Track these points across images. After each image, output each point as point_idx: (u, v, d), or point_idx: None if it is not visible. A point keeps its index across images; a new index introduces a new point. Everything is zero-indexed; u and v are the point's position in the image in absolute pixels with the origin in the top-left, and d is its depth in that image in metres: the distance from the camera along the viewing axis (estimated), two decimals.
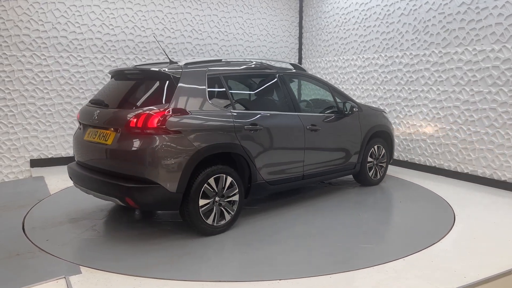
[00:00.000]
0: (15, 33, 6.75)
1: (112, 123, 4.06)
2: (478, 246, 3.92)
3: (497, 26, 5.70)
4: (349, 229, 4.38)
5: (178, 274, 3.35)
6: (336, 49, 8.65)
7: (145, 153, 3.78)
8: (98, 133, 4.15)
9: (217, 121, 4.19)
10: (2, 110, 6.74)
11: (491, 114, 5.84)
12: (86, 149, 4.33)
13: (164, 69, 4.18)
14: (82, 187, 4.36)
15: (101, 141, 4.08)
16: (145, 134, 3.81)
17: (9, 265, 3.49)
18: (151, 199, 3.83)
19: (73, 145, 4.66)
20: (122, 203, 3.93)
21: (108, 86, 4.66)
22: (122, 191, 3.82)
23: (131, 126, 3.86)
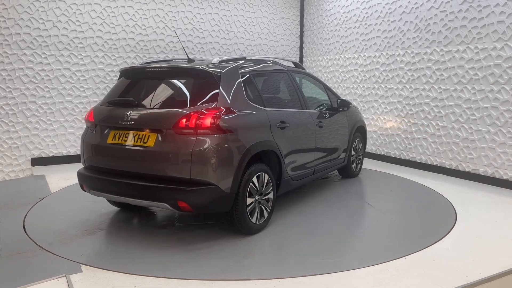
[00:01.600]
0: (16, 32, 6.75)
1: (154, 124, 3.83)
2: (479, 245, 3.90)
3: (499, 24, 5.68)
4: (350, 229, 4.38)
5: (179, 272, 3.34)
6: (337, 47, 8.63)
7: (201, 154, 3.64)
8: (132, 135, 3.88)
9: (257, 119, 4.22)
10: (3, 109, 6.74)
11: (492, 112, 5.82)
12: (112, 152, 4.01)
13: (204, 67, 4.07)
14: (109, 194, 4.05)
15: (139, 144, 3.82)
16: (198, 134, 3.68)
17: (10, 263, 3.49)
18: (207, 200, 3.71)
19: (85, 149, 4.26)
20: (171, 207, 3.71)
21: (134, 85, 4.35)
22: (175, 195, 3.64)
23: (181, 126, 3.70)
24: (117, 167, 4.01)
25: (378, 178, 6.48)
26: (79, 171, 4.28)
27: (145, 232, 4.24)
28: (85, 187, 4.22)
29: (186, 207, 3.66)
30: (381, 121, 7.66)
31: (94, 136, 4.20)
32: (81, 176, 4.25)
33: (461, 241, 3.98)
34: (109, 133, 4.06)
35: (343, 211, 4.90)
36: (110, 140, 4.03)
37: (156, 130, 3.80)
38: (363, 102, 8.04)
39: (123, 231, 4.26)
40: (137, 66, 4.49)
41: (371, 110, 7.87)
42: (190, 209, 3.69)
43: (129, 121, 3.92)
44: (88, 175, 4.17)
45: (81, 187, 4.30)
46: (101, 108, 4.30)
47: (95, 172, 4.15)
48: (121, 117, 3.97)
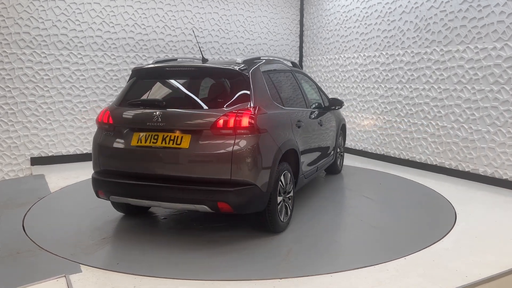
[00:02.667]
0: (15, 31, 6.74)
1: (189, 125, 3.75)
2: (479, 245, 3.90)
3: (499, 24, 5.67)
4: (351, 227, 4.38)
5: (178, 273, 3.34)
6: (337, 47, 8.63)
7: (242, 154, 3.62)
8: (162, 137, 3.76)
9: (282, 118, 4.27)
10: (2, 108, 6.73)
11: (492, 112, 5.82)
12: (139, 155, 3.85)
13: (234, 66, 4.05)
14: (136, 199, 3.89)
15: (171, 145, 3.71)
16: (237, 134, 3.66)
17: (9, 263, 3.49)
18: (246, 200, 3.69)
19: (101, 153, 4.04)
20: (210, 209, 3.66)
21: (155, 85, 4.26)
22: (216, 196, 3.61)
23: (219, 127, 3.66)
24: (145, 170, 3.84)
25: (379, 177, 6.47)
26: (95, 177, 4.03)
27: (146, 232, 4.23)
28: (103, 193, 3.99)
29: (226, 208, 3.63)
30: (381, 121, 7.66)
31: (112, 139, 3.99)
32: (99, 182, 4.00)
33: (461, 241, 3.98)
34: (132, 135, 3.88)
35: (343, 210, 4.90)
36: (135, 142, 3.85)
37: (190, 131, 3.72)
38: (362, 101, 8.04)
39: (124, 231, 4.25)
40: (157, 66, 4.33)
41: (370, 110, 7.86)
42: (230, 210, 3.66)
43: (159, 122, 3.76)
44: (108, 181, 3.94)
45: (97, 193, 4.07)
46: (120, 109, 4.09)
47: (116, 177, 3.95)
48: (150, 118, 3.80)
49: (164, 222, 4.55)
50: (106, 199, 4.05)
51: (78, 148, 7.40)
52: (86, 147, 7.46)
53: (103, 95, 7.53)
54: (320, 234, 4.19)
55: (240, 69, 4.02)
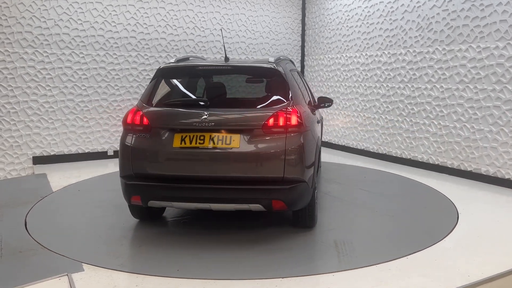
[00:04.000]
0: (17, 30, 6.75)
1: (240, 125, 3.72)
2: (481, 244, 3.90)
3: (501, 23, 5.66)
4: (352, 227, 4.37)
5: (180, 272, 3.34)
6: (339, 46, 8.62)
7: (293, 152, 3.66)
8: (210, 137, 3.67)
9: (312, 115, 4.35)
10: (4, 107, 6.75)
11: (495, 112, 5.81)
12: (184, 157, 3.73)
13: (270, 65, 4.09)
14: (183, 202, 3.79)
15: (221, 146, 3.64)
16: (288, 132, 3.68)
17: (11, 262, 3.50)
18: (298, 197, 3.75)
19: (135, 156, 3.81)
20: (264, 208, 3.66)
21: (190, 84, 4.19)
22: (271, 195, 3.62)
23: (270, 126, 3.67)
24: (191, 172, 3.74)
25: (379, 176, 6.47)
26: (128, 182, 3.82)
27: (147, 232, 4.23)
28: (139, 198, 3.81)
29: (280, 205, 3.66)
30: (383, 120, 7.65)
31: (149, 141, 3.79)
32: (135, 187, 3.80)
33: (463, 241, 3.97)
34: (173, 136, 3.73)
35: (346, 210, 4.90)
36: (178, 144, 3.70)
37: (239, 131, 3.68)
38: (364, 101, 8.03)
39: (125, 230, 4.25)
40: (188, 65, 4.23)
41: (372, 109, 7.86)
42: (284, 208, 3.69)
43: (206, 122, 3.67)
44: (149, 185, 3.77)
45: (129, 199, 3.87)
46: (156, 109, 3.94)
47: (156, 181, 3.78)
48: (196, 119, 3.70)
49: (165, 221, 4.56)
50: (143, 205, 3.84)
51: (80, 147, 7.41)
52: (88, 146, 7.47)
53: (105, 94, 7.54)
54: (351, 229, 4.20)
55: (276, 67, 4.06)
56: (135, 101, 7.82)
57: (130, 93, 7.78)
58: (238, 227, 4.32)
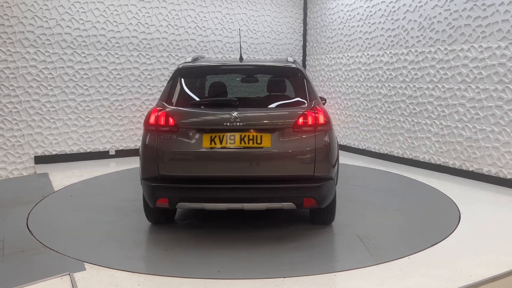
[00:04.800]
0: (19, 30, 6.76)
1: (271, 124, 3.74)
2: (483, 244, 3.89)
3: (503, 23, 5.65)
4: (354, 228, 4.37)
5: (182, 271, 3.34)
6: (340, 46, 8.61)
7: (323, 150, 3.73)
8: (241, 137, 3.66)
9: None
10: (6, 107, 6.76)
11: (497, 111, 5.80)
12: (214, 158, 3.69)
13: (295, 65, 4.18)
14: (214, 203, 3.74)
15: (252, 145, 3.65)
16: (317, 131, 3.75)
17: (13, 261, 3.50)
18: (327, 194, 3.81)
19: (161, 158, 3.72)
20: (296, 206, 3.71)
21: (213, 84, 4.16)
22: (303, 193, 3.68)
23: (300, 124, 3.73)
24: (222, 172, 3.71)
25: (380, 177, 6.46)
26: (154, 185, 3.72)
27: (148, 231, 4.24)
28: (167, 200, 3.72)
29: (311, 203, 3.72)
30: (384, 120, 7.64)
31: (175, 142, 3.71)
32: (162, 189, 3.72)
33: (465, 241, 3.97)
34: (202, 136, 3.68)
35: (347, 212, 4.89)
36: (208, 144, 3.66)
37: (270, 130, 3.70)
38: (366, 101, 8.02)
39: (127, 230, 4.25)
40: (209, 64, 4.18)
41: (374, 109, 7.85)
42: (315, 205, 3.75)
43: (237, 122, 3.65)
44: (178, 187, 3.71)
45: (154, 202, 3.76)
46: (182, 110, 3.86)
47: (183, 182, 3.72)
48: (226, 119, 3.66)
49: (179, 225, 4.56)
50: (170, 207, 3.76)
51: (81, 147, 7.42)
52: (89, 146, 7.48)
53: (106, 94, 7.55)
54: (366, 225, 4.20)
55: (298, 67, 4.12)
56: (137, 100, 7.83)
57: (132, 93, 7.79)
58: (253, 226, 4.34)
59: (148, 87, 7.92)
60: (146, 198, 3.87)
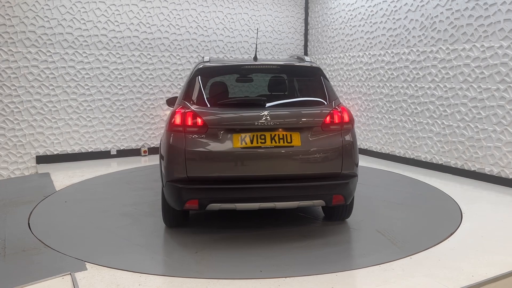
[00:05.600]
0: (21, 30, 6.76)
1: (301, 123, 3.80)
2: (485, 244, 3.87)
3: (505, 23, 5.63)
4: (355, 227, 4.36)
5: (184, 271, 3.34)
6: (342, 45, 8.60)
7: (349, 147, 3.84)
8: (271, 136, 3.67)
9: None
10: (8, 107, 6.77)
11: (499, 111, 5.78)
12: (245, 157, 3.66)
13: (314, 65, 4.27)
14: (247, 203, 3.72)
15: (282, 144, 3.68)
16: (343, 129, 3.86)
17: (15, 261, 3.50)
18: (353, 190, 3.92)
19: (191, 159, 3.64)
20: (326, 203, 3.78)
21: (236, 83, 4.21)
22: (333, 190, 3.76)
23: (328, 123, 3.82)
24: (254, 172, 3.69)
25: (382, 176, 6.45)
26: (184, 186, 3.64)
27: (150, 231, 4.23)
28: (197, 202, 3.66)
29: (340, 200, 3.82)
30: (386, 120, 7.63)
31: (204, 143, 3.66)
32: (192, 191, 3.65)
33: (467, 241, 3.96)
34: (232, 137, 3.66)
35: None
36: (238, 144, 3.64)
37: (299, 129, 3.75)
38: (368, 100, 8.01)
39: (128, 229, 4.25)
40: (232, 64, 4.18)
41: (375, 109, 7.84)
42: (342, 202, 3.85)
43: (268, 121, 3.66)
44: (209, 188, 3.66)
45: (183, 204, 3.68)
46: (211, 110, 3.79)
47: (213, 183, 3.68)
48: (257, 118, 3.67)
49: None
50: (200, 209, 3.70)
51: (83, 146, 7.42)
52: (91, 146, 7.49)
53: (107, 93, 7.55)
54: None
55: (318, 66, 4.23)
56: (138, 100, 7.83)
57: (133, 93, 7.79)
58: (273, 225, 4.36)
59: (149, 87, 7.92)
60: (172, 201, 3.79)
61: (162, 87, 8.01)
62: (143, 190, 5.61)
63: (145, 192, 5.53)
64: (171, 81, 8.11)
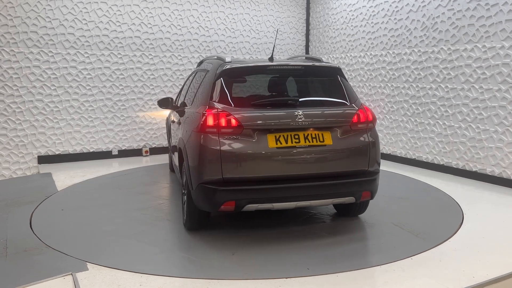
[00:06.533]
0: (22, 30, 6.78)
1: (333, 122, 3.87)
2: (486, 245, 3.87)
3: (507, 23, 5.62)
4: (357, 227, 4.36)
5: (186, 271, 3.34)
6: (343, 46, 8.60)
7: (375, 145, 4.00)
8: (304, 136, 3.73)
9: None
10: (10, 107, 6.78)
11: (500, 112, 5.77)
12: (280, 157, 3.68)
13: (336, 65, 4.37)
14: (284, 202, 3.73)
15: (315, 143, 3.74)
16: (368, 128, 4.02)
17: (16, 261, 3.51)
18: (377, 187, 4.08)
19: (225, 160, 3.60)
20: (356, 199, 3.92)
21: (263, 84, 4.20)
22: (363, 187, 3.91)
23: (355, 122, 3.95)
24: (290, 171, 3.73)
25: (383, 177, 6.44)
26: (221, 189, 3.59)
27: (151, 230, 4.24)
28: (234, 203, 3.62)
29: (367, 196, 3.98)
30: (387, 120, 7.63)
31: (240, 144, 3.64)
32: (230, 193, 3.61)
33: (468, 241, 3.95)
34: (266, 137, 3.67)
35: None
36: (274, 144, 3.66)
37: (329, 128, 3.85)
38: (369, 101, 8.01)
39: (130, 229, 4.26)
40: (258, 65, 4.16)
41: (377, 109, 7.83)
42: (369, 197, 4.02)
43: (302, 121, 3.71)
44: (247, 189, 3.63)
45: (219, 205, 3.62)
46: (248, 111, 3.75)
47: (250, 184, 3.65)
48: (292, 118, 3.71)
49: (171, 218, 4.56)
50: (237, 210, 3.66)
51: (84, 146, 7.44)
52: (92, 146, 7.50)
53: (109, 93, 7.56)
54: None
55: (338, 66, 4.33)
56: (140, 100, 7.84)
57: (135, 93, 7.80)
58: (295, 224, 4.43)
59: (151, 87, 7.93)
60: (205, 203, 3.74)
61: (163, 87, 8.02)
62: (149, 186, 5.62)
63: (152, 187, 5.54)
64: (173, 81, 8.11)
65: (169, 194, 5.50)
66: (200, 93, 4.31)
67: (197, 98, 4.35)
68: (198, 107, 4.08)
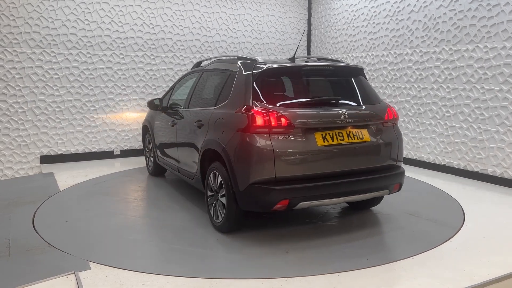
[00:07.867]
0: (25, 30, 6.81)
1: (369, 120, 4.11)
2: (488, 245, 3.88)
3: (509, 23, 5.63)
4: (357, 227, 4.37)
5: (187, 271, 3.36)
6: (344, 46, 8.60)
7: (400, 140, 4.28)
8: (347, 133, 3.90)
9: None
10: (12, 107, 6.81)
11: (502, 112, 5.77)
12: (328, 155, 3.80)
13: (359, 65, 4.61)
14: (333, 198, 3.86)
15: (357, 141, 3.95)
16: (393, 125, 4.28)
17: (19, 260, 3.53)
18: (404, 179, 4.30)
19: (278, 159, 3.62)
20: (390, 192, 4.17)
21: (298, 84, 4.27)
22: (395, 180, 4.16)
23: (387, 119, 4.20)
24: (336, 168, 3.88)
25: None
26: (275, 188, 3.61)
27: (153, 231, 4.25)
28: (288, 201, 3.65)
29: (397, 188, 4.23)
30: None
31: (291, 143, 3.69)
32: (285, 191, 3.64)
33: (469, 241, 3.96)
34: (313, 135, 3.77)
35: (349, 210, 4.89)
36: (322, 142, 3.77)
37: (366, 126, 4.07)
38: None
39: (131, 229, 4.28)
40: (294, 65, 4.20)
41: None
42: (398, 190, 4.26)
43: (346, 119, 3.87)
44: (301, 187, 3.68)
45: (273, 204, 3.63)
46: (295, 110, 3.83)
47: (302, 182, 3.72)
48: (338, 117, 3.86)
49: (174, 217, 4.57)
50: (290, 208, 3.70)
51: (86, 146, 7.46)
52: (94, 146, 7.52)
53: (111, 94, 7.58)
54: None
55: (361, 67, 4.53)
56: (142, 100, 7.86)
57: (137, 93, 7.82)
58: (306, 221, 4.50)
59: (153, 87, 7.95)
60: (257, 203, 3.73)
61: (165, 88, 8.03)
62: (146, 181, 5.64)
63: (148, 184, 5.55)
64: (174, 81, 8.13)
65: (169, 194, 5.51)
66: (224, 94, 4.25)
67: (220, 98, 4.30)
68: (232, 107, 4.01)
